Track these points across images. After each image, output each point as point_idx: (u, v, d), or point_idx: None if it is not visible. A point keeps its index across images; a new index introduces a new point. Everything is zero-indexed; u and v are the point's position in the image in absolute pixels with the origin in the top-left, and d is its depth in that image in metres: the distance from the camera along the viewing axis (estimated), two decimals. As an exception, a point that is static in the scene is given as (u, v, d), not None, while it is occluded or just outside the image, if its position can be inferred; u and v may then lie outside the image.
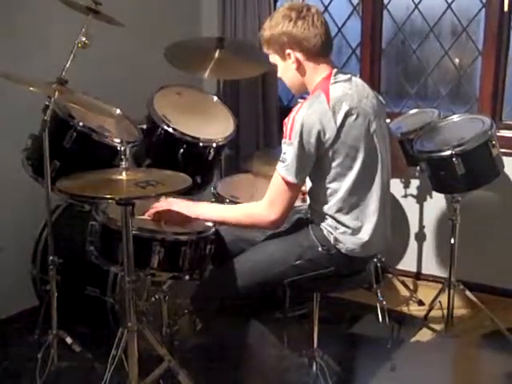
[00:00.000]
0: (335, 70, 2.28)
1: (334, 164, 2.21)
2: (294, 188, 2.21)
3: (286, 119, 2.20)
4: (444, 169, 2.96)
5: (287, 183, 2.20)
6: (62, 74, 2.52)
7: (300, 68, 2.29)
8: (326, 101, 2.18)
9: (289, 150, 2.17)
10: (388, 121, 2.54)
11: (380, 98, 2.41)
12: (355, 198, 2.26)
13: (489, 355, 3.15)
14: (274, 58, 2.35)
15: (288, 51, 2.27)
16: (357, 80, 2.32)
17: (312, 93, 2.27)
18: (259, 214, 2.26)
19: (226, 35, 3.87)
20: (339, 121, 2.17)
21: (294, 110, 2.20)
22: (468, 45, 3.69)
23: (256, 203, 2.29)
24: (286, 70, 2.33)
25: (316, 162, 2.22)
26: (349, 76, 2.29)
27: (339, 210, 2.26)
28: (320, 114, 2.16)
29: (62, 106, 2.64)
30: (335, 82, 2.24)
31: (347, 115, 2.19)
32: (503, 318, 3.19)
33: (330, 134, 2.16)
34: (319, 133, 2.15)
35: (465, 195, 3.16)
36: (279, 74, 2.38)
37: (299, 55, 2.27)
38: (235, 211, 2.39)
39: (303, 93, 2.39)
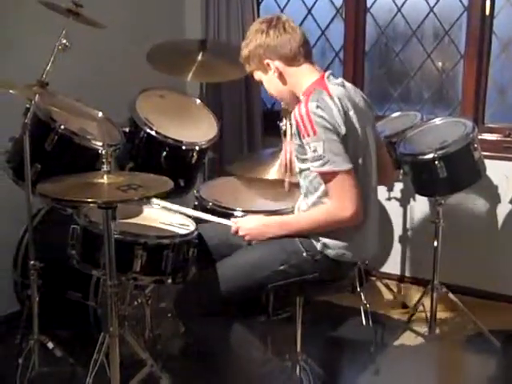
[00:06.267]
0: (328, 73, 2.29)
1: None
2: (348, 174, 2.15)
3: (298, 118, 2.15)
4: (426, 172, 2.97)
5: (340, 173, 2.14)
6: (43, 76, 2.50)
7: (281, 76, 2.30)
8: (329, 97, 2.17)
9: (319, 144, 2.12)
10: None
11: (370, 104, 2.41)
12: None
13: (472, 357, 3.17)
14: (257, 75, 2.37)
15: (267, 61, 2.29)
16: (349, 85, 2.33)
17: (306, 93, 2.23)
18: (337, 213, 2.18)
19: (209, 37, 3.87)
20: (345, 119, 2.16)
21: (301, 107, 2.15)
22: (450, 48, 3.71)
23: (327, 205, 2.22)
24: (271, 82, 2.34)
25: None
26: (341, 80, 2.30)
27: None
28: (330, 108, 2.14)
29: (43, 109, 2.61)
30: (331, 83, 2.25)
31: (349, 115, 2.19)
32: (486, 321, 3.20)
33: (341, 129, 2.14)
34: (335, 123, 2.13)
35: (447, 198, 3.17)
36: (268, 90, 2.38)
37: (278, 63, 2.28)
38: (313, 217, 2.28)
39: (296, 103, 2.36)
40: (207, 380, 2.57)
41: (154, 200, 2.50)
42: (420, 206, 3.73)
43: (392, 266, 3.90)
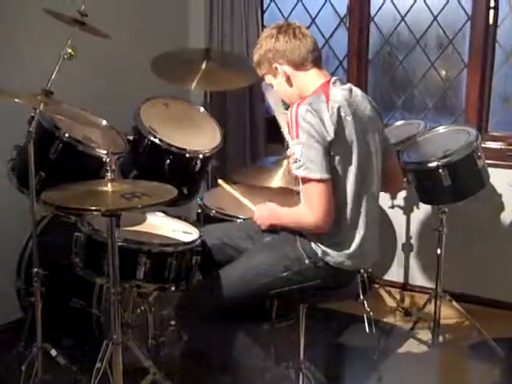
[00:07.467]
0: (334, 78, 2.31)
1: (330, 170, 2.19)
2: (322, 183, 2.16)
3: (288, 119, 2.19)
4: (430, 180, 2.98)
5: (313, 181, 2.16)
6: (48, 85, 2.51)
7: (289, 80, 2.32)
8: (326, 100, 2.19)
9: (298, 148, 2.15)
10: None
11: (379, 112, 2.42)
12: (347, 209, 2.25)
13: (475, 366, 3.16)
14: (268, 79, 2.41)
15: (275, 65, 2.32)
16: (357, 91, 2.34)
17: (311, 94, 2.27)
18: (305, 219, 2.22)
19: (213, 46, 3.88)
20: (337, 124, 2.17)
21: (293, 109, 2.18)
22: (454, 57, 3.71)
23: (302, 207, 2.25)
24: (280, 85, 2.37)
25: None
26: (349, 86, 2.32)
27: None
28: (321, 112, 2.16)
29: (48, 117, 2.63)
30: (335, 88, 2.27)
31: (344, 120, 2.20)
32: (489, 329, 3.19)
33: (329, 135, 2.16)
34: (321, 130, 2.15)
35: (451, 206, 3.17)
36: (277, 93, 2.42)
37: (286, 67, 2.31)
38: (290, 216, 2.35)
39: None
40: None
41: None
42: (423, 213, 3.73)
43: (395, 273, 3.90)
